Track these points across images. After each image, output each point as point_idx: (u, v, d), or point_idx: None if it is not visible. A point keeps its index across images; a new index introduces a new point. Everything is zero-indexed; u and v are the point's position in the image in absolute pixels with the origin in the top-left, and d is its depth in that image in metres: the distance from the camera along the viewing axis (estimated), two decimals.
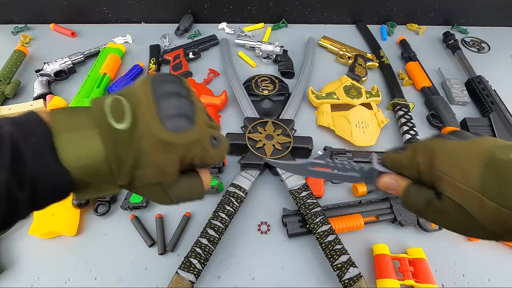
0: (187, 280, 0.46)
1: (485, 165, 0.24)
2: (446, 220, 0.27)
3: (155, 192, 0.28)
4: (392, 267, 0.50)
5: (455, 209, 0.25)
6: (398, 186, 0.31)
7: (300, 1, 0.97)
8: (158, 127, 0.23)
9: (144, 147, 0.23)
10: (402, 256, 0.52)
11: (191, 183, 0.29)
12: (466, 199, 0.25)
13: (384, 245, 0.53)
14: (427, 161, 0.28)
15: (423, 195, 0.28)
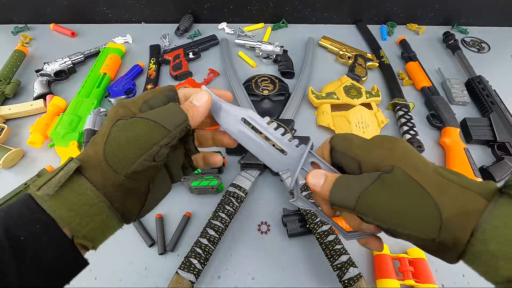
0: (187, 280, 0.46)
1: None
2: (397, 200, 0.23)
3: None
4: (392, 267, 0.50)
5: (408, 183, 0.23)
6: (327, 180, 0.27)
7: (300, 1, 0.97)
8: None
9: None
10: (402, 256, 0.52)
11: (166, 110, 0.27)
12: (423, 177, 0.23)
13: (384, 245, 0.53)
14: (387, 149, 0.26)
15: (364, 179, 0.25)
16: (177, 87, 0.78)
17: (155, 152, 0.25)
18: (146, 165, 0.25)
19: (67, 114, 0.70)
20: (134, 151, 0.24)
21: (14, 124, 0.72)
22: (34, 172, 0.61)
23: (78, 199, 0.23)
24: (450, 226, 0.21)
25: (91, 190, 0.24)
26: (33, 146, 0.66)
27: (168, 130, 0.25)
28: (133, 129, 0.25)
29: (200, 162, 0.33)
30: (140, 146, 0.25)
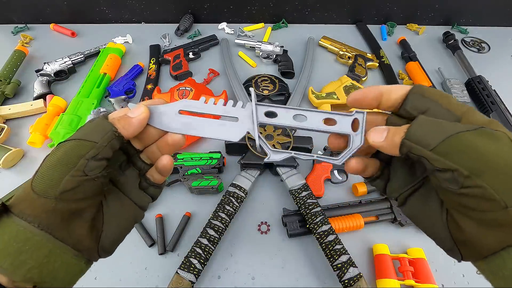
0: (187, 280, 0.46)
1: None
2: (495, 153, 0.20)
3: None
4: (392, 267, 0.50)
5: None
6: (391, 131, 0.24)
7: (300, 1, 0.97)
8: None
9: None
10: (402, 256, 0.52)
11: None
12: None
13: (384, 245, 0.53)
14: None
15: (458, 125, 0.22)
16: (177, 86, 0.77)
17: (82, 165, 0.23)
18: (76, 180, 0.23)
19: (67, 114, 0.70)
20: (59, 171, 0.23)
21: (14, 124, 0.72)
22: (34, 172, 0.61)
23: (8, 238, 0.22)
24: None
25: (23, 226, 0.22)
26: (33, 146, 0.66)
27: (93, 142, 0.24)
28: (56, 153, 0.24)
29: (156, 175, 0.30)
30: (65, 165, 0.23)
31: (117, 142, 0.25)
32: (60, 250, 0.23)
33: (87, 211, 0.25)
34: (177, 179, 0.60)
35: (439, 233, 0.24)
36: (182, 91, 0.73)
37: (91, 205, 0.25)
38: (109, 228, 0.27)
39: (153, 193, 0.31)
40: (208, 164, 0.61)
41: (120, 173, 0.29)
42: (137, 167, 0.30)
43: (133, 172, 0.30)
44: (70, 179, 0.23)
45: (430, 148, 0.21)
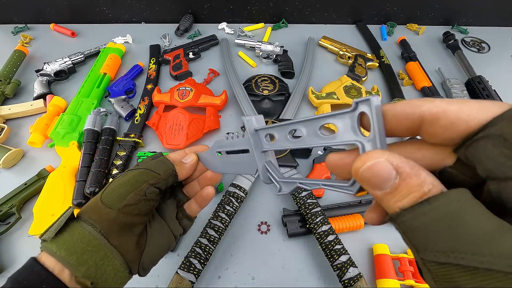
0: (187, 280, 0.46)
1: None
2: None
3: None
4: (392, 267, 0.50)
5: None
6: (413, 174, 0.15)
7: (300, 1, 0.97)
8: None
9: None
10: (402, 256, 0.52)
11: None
12: None
13: (384, 245, 0.53)
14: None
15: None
16: (177, 86, 0.76)
17: (145, 188, 0.29)
18: (137, 198, 0.28)
19: (67, 114, 0.70)
20: (126, 189, 0.29)
21: (14, 124, 0.72)
22: (34, 172, 0.62)
23: (76, 239, 0.26)
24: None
25: (88, 230, 0.27)
26: (33, 146, 0.66)
27: (157, 173, 0.30)
28: (127, 175, 0.30)
29: (194, 206, 0.35)
30: (132, 185, 0.29)
31: (172, 179, 0.32)
32: (112, 255, 0.27)
33: (138, 227, 0.30)
34: None
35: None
36: (182, 91, 0.73)
37: (142, 221, 0.30)
38: (150, 248, 0.31)
39: (185, 224, 0.35)
40: None
41: (163, 201, 0.35)
42: (177, 199, 0.35)
43: (173, 202, 0.35)
44: (133, 196, 0.28)
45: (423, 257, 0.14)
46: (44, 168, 0.62)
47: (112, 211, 0.28)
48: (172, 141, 0.65)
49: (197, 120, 0.69)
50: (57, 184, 0.59)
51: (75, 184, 0.59)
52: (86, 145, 0.64)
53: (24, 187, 0.59)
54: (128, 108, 0.74)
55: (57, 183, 0.59)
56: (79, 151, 0.65)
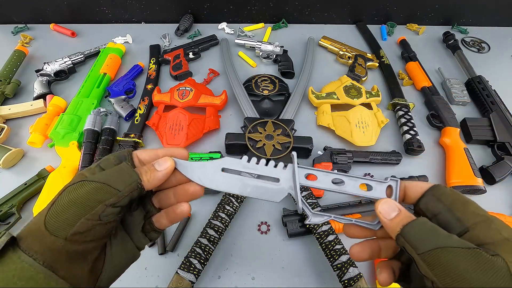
0: (187, 280, 0.46)
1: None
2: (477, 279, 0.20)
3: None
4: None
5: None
6: (401, 215, 0.26)
7: (300, 1, 0.97)
8: None
9: None
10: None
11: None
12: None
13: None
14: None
15: (454, 239, 0.22)
16: (177, 86, 0.76)
17: (100, 211, 0.24)
18: (90, 224, 0.23)
19: (67, 114, 0.70)
20: (76, 212, 0.23)
21: (14, 124, 0.72)
22: (34, 172, 0.62)
23: (12, 275, 0.21)
24: None
25: (27, 262, 0.22)
26: (33, 146, 0.66)
27: (117, 189, 0.25)
28: (77, 191, 0.24)
29: (164, 220, 0.30)
30: (83, 206, 0.23)
31: (137, 193, 0.26)
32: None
33: (92, 253, 0.25)
34: None
35: None
36: (182, 91, 0.73)
37: (96, 247, 0.25)
38: (109, 269, 0.27)
39: (152, 236, 0.31)
40: None
41: (128, 214, 0.29)
42: (145, 209, 0.30)
43: (140, 214, 0.30)
44: (84, 222, 0.23)
45: (418, 252, 0.22)
46: (44, 168, 0.62)
47: (58, 239, 0.23)
48: (172, 141, 0.65)
49: (197, 120, 0.69)
50: (57, 184, 0.59)
51: None
52: (86, 145, 0.64)
53: (24, 187, 0.59)
54: (128, 108, 0.74)
55: (57, 183, 0.59)
56: (79, 151, 0.65)
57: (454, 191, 0.25)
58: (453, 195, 0.25)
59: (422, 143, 0.67)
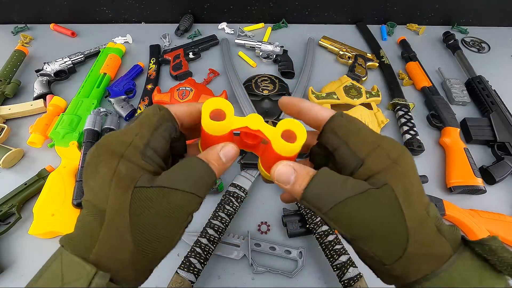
0: (187, 280, 0.46)
1: None
2: (373, 220, 0.21)
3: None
4: None
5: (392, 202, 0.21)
6: (299, 176, 0.23)
7: (300, 1, 0.97)
8: None
9: None
10: None
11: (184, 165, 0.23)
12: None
13: None
14: (391, 159, 0.23)
15: (349, 187, 0.22)
16: (177, 86, 0.76)
17: (188, 223, 0.23)
18: (176, 240, 0.22)
19: (67, 114, 0.70)
20: (167, 230, 0.21)
21: (14, 124, 0.72)
22: (34, 172, 0.61)
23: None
24: (408, 262, 0.21)
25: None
26: (33, 146, 0.66)
27: (200, 197, 0.22)
28: (166, 204, 0.21)
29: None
30: (176, 223, 0.22)
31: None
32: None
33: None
34: None
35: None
36: (182, 91, 0.73)
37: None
38: None
39: None
40: None
41: None
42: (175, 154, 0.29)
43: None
44: (175, 240, 0.22)
45: (322, 212, 0.22)
46: (44, 168, 0.62)
47: (151, 264, 0.22)
48: None
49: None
50: (57, 184, 0.59)
51: (75, 184, 0.59)
52: (86, 145, 0.64)
53: (24, 187, 0.59)
54: (128, 108, 0.74)
55: (57, 183, 0.59)
56: (79, 151, 0.65)
57: (349, 121, 0.24)
58: (347, 126, 0.24)
59: (422, 143, 0.67)
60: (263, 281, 0.52)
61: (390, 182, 0.21)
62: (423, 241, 0.21)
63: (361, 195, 0.21)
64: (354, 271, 0.47)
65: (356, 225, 0.22)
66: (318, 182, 0.23)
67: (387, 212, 0.21)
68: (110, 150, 0.22)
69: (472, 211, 0.59)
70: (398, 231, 0.21)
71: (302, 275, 0.52)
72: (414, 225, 0.21)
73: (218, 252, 0.53)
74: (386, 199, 0.21)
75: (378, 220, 0.21)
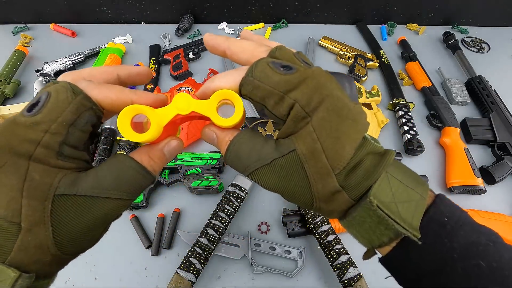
0: (187, 280, 0.46)
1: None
2: (282, 184, 0.22)
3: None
4: None
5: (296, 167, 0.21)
6: (219, 139, 0.24)
7: (300, 1, 0.97)
8: None
9: None
10: None
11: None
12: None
13: None
14: (314, 104, 0.20)
15: (260, 156, 0.22)
16: (177, 86, 0.76)
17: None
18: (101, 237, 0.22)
19: None
20: (95, 233, 0.21)
21: None
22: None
23: None
24: (321, 206, 0.22)
25: None
26: None
27: (131, 200, 0.21)
28: (93, 214, 0.20)
29: None
30: (103, 227, 0.21)
31: None
32: None
33: None
34: (177, 179, 0.60)
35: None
36: (182, 91, 0.73)
37: None
38: None
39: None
40: (208, 164, 0.61)
41: None
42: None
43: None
44: (97, 241, 0.22)
45: (245, 175, 0.23)
46: None
47: (62, 257, 0.20)
48: None
49: (197, 120, 0.69)
50: None
51: None
52: None
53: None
54: None
55: None
56: None
57: (261, 78, 0.21)
58: (260, 88, 0.21)
59: (422, 143, 0.67)
60: (263, 281, 0.52)
61: (297, 145, 0.21)
62: (326, 200, 0.22)
63: (267, 166, 0.22)
64: (354, 271, 0.47)
65: (270, 190, 0.23)
66: (232, 150, 0.23)
67: (293, 182, 0.22)
68: (14, 151, 0.18)
69: (472, 211, 0.59)
70: (303, 197, 0.22)
71: (302, 275, 0.52)
72: (320, 195, 0.22)
73: (218, 252, 0.53)
74: (291, 169, 0.21)
75: (283, 189, 0.22)
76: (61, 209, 0.19)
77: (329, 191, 0.21)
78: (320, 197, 0.22)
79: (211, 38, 0.26)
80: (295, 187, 0.22)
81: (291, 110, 0.21)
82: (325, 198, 0.22)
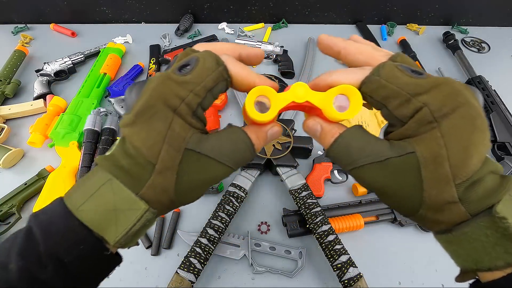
0: (187, 280, 0.46)
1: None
2: (394, 181, 0.21)
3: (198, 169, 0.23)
4: None
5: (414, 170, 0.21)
6: (324, 130, 0.24)
7: (300, 1, 0.97)
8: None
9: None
10: None
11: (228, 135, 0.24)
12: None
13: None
14: (445, 110, 0.20)
15: (370, 153, 0.22)
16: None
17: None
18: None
19: (67, 114, 0.70)
20: (202, 190, 0.24)
21: (14, 124, 0.72)
22: (34, 172, 0.62)
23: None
24: (427, 214, 0.21)
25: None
26: (33, 146, 0.66)
27: (234, 170, 0.24)
28: (208, 173, 0.23)
29: None
30: (210, 185, 0.24)
31: None
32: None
33: None
34: None
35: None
36: None
37: None
38: None
39: None
40: None
41: None
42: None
43: None
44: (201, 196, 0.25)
45: (346, 169, 0.23)
46: (44, 168, 0.62)
47: (175, 204, 0.23)
48: None
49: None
50: (57, 184, 0.59)
51: (75, 184, 0.59)
52: (86, 145, 0.64)
53: (24, 187, 0.59)
54: None
55: (57, 183, 0.59)
56: (79, 151, 0.65)
57: (388, 79, 0.21)
58: (385, 87, 0.21)
59: None
60: (263, 281, 0.52)
61: (418, 148, 0.20)
62: (436, 209, 0.21)
63: (379, 164, 0.21)
64: (354, 271, 0.47)
65: (373, 187, 0.23)
66: (341, 143, 0.23)
67: (403, 184, 0.21)
68: (165, 102, 0.21)
69: None
70: (409, 202, 0.21)
71: (302, 275, 0.52)
72: (432, 202, 0.20)
73: (218, 252, 0.53)
74: (406, 171, 0.21)
75: (389, 189, 0.22)
76: (186, 162, 0.21)
77: (444, 199, 0.20)
78: (430, 204, 0.21)
79: (327, 37, 0.27)
80: (403, 189, 0.21)
81: (417, 113, 0.20)
82: (436, 206, 0.20)
